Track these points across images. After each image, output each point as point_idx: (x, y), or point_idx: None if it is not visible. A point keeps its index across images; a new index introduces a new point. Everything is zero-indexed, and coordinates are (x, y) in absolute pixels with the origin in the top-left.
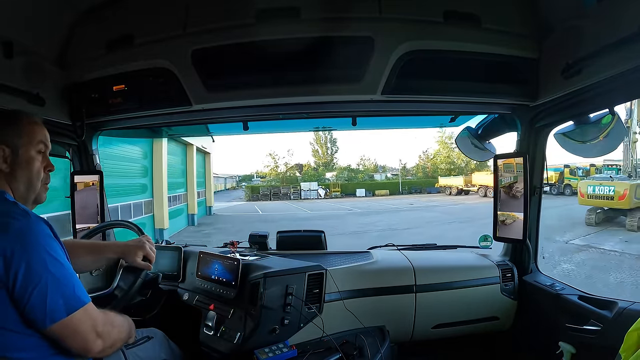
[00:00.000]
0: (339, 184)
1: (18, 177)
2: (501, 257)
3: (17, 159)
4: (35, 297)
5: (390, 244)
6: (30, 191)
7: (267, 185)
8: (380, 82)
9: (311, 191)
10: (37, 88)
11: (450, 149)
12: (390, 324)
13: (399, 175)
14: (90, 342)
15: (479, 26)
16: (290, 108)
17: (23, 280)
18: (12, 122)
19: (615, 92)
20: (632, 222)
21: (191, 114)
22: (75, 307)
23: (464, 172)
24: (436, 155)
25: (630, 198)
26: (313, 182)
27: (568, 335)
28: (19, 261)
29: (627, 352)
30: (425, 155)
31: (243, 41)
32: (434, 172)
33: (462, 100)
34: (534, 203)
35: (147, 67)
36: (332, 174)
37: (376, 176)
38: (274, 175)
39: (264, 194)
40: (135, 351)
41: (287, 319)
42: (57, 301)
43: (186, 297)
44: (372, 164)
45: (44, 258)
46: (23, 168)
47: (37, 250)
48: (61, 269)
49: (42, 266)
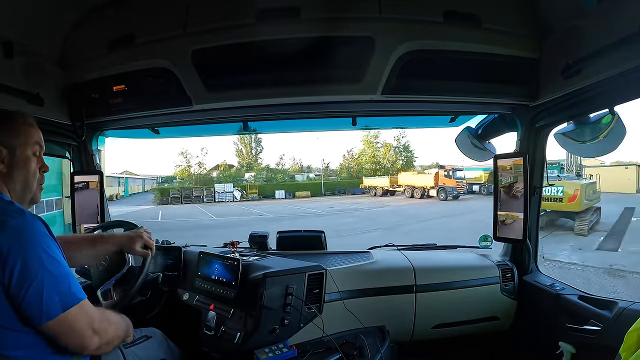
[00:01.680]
0: (256, 185)
1: (15, 177)
2: (501, 257)
3: (14, 159)
4: (31, 294)
5: (390, 244)
6: (26, 191)
7: (178, 187)
8: (380, 82)
9: (226, 193)
10: (37, 88)
11: (375, 148)
12: (390, 324)
13: (322, 176)
14: (86, 339)
15: (479, 26)
16: (290, 108)
17: (19, 277)
18: (9, 122)
19: (615, 92)
20: (582, 226)
21: (191, 114)
22: (71, 304)
23: (389, 172)
24: (361, 155)
25: (581, 199)
26: (228, 183)
27: (568, 335)
28: (15, 258)
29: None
30: (350, 155)
31: (243, 41)
32: (358, 173)
33: (462, 100)
34: (534, 203)
35: (147, 67)
36: (251, 175)
37: (298, 177)
38: (186, 176)
39: (175, 197)
40: (134, 350)
41: (287, 319)
42: (52, 298)
43: (186, 297)
44: (297, 164)
45: (40, 255)
46: (20, 168)
47: (33, 247)
48: (57, 266)
49: (38, 263)
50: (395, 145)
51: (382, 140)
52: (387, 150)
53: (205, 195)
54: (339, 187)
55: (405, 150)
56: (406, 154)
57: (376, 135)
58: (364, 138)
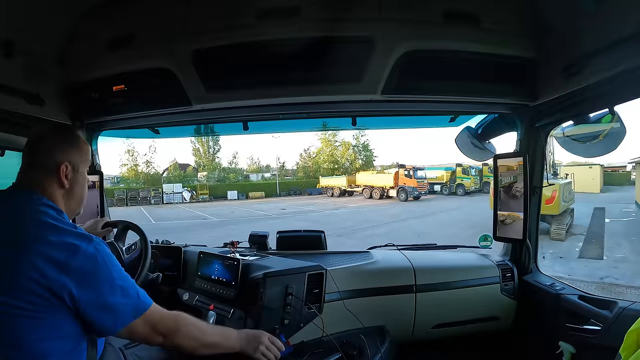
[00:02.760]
0: (207, 186)
1: (75, 194)
2: (501, 257)
3: (76, 176)
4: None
5: (390, 244)
6: (80, 206)
7: (123, 188)
8: (380, 82)
9: (175, 194)
10: (37, 88)
11: (334, 147)
12: (390, 324)
13: (277, 176)
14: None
15: (479, 26)
16: (290, 108)
17: (96, 298)
18: (74, 141)
19: (615, 92)
20: (559, 230)
21: (191, 114)
22: (142, 312)
23: (348, 172)
24: (319, 154)
25: (559, 201)
26: (177, 183)
27: (568, 335)
28: (92, 282)
29: (627, 351)
30: (307, 154)
31: (243, 41)
32: (316, 172)
33: (462, 100)
34: (533, 203)
35: (147, 67)
36: (203, 174)
37: (252, 176)
38: (132, 175)
39: (120, 198)
40: (135, 351)
41: (287, 319)
42: (125, 310)
43: (186, 297)
44: (255, 164)
45: (112, 275)
46: (79, 185)
47: (106, 269)
48: (126, 280)
49: (112, 282)
50: (355, 143)
51: (340, 138)
52: (346, 149)
53: (153, 197)
54: (295, 187)
55: (365, 149)
56: (365, 153)
57: (334, 134)
58: (322, 136)
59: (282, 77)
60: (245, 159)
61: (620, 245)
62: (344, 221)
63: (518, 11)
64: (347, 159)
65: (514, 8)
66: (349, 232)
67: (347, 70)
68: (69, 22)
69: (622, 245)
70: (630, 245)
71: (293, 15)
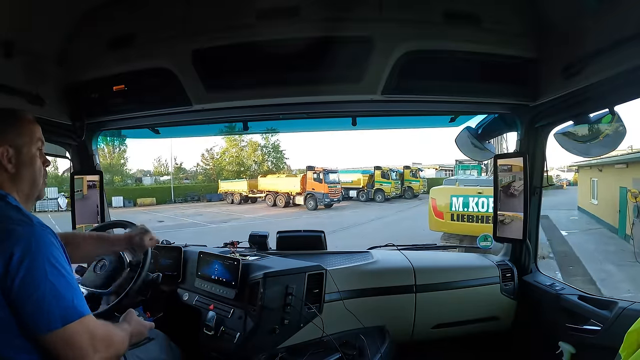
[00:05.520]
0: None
1: (23, 177)
2: (501, 257)
3: (21, 158)
4: (31, 305)
5: (390, 244)
6: (34, 189)
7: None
8: (380, 82)
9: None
10: (37, 88)
11: (240, 147)
12: (390, 324)
13: (172, 179)
14: (87, 356)
15: (479, 26)
16: (290, 108)
17: (21, 286)
18: (13, 121)
19: (615, 92)
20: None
21: (191, 114)
22: (72, 319)
23: (255, 175)
24: (223, 155)
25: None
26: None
27: (568, 335)
28: (19, 268)
29: (627, 351)
30: (210, 154)
31: (243, 41)
32: (219, 175)
33: (462, 100)
34: (533, 203)
35: (147, 67)
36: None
37: (145, 180)
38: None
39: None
40: (136, 352)
41: (287, 319)
42: (53, 311)
43: (186, 297)
44: (163, 165)
45: (45, 267)
46: (27, 167)
47: (38, 258)
48: (61, 279)
49: (42, 275)
50: (263, 144)
51: (247, 138)
52: (253, 150)
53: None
54: (193, 193)
55: (275, 150)
56: (276, 154)
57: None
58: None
59: (282, 77)
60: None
61: (608, 272)
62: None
63: (519, 11)
64: (254, 161)
65: (515, 8)
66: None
67: (347, 71)
68: (69, 22)
69: (612, 273)
70: (621, 272)
71: (293, 15)
